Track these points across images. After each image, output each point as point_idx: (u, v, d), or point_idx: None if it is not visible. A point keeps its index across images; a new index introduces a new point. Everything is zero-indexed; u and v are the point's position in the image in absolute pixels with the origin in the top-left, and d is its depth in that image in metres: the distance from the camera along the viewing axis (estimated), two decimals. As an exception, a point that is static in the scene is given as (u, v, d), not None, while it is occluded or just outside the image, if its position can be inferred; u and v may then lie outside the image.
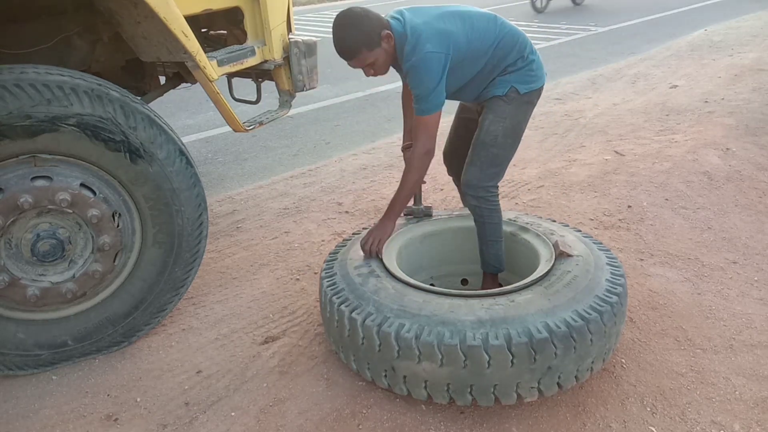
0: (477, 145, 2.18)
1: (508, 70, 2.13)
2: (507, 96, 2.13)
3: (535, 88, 2.17)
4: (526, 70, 2.14)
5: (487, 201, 2.18)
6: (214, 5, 2.40)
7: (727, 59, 6.64)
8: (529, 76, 2.15)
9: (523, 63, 2.14)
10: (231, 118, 2.48)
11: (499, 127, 2.14)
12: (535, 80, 2.17)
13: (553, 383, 1.72)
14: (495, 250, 2.24)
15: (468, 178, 2.19)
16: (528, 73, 2.15)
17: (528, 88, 2.15)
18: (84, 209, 1.95)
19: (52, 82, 1.84)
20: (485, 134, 2.16)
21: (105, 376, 2.08)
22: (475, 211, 2.21)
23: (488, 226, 2.21)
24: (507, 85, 2.13)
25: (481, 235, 2.23)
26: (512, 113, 2.15)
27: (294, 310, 2.43)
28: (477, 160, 2.17)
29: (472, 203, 2.20)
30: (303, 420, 1.85)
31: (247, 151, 4.54)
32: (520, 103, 2.15)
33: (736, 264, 2.66)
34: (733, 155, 3.77)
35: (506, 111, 2.14)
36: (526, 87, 2.14)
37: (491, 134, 2.15)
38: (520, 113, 2.17)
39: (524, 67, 2.14)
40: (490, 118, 2.15)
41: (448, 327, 1.70)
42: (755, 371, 2.00)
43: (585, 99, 5.53)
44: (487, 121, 2.16)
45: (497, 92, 2.14)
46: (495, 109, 2.15)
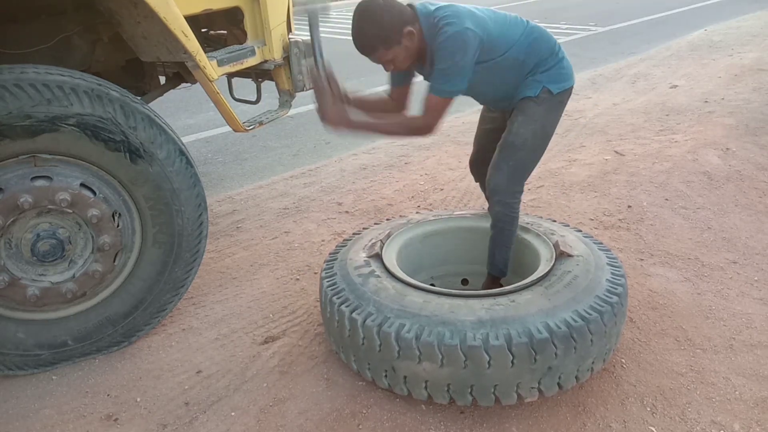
0: (504, 147, 2.10)
1: (540, 69, 2.06)
2: (538, 97, 2.05)
3: (567, 87, 2.11)
4: (557, 68, 2.08)
5: (512, 208, 2.12)
6: (214, 5, 2.40)
7: (727, 59, 6.64)
8: (561, 75, 2.09)
9: (555, 61, 2.08)
10: (231, 118, 2.48)
11: (529, 129, 2.07)
12: (566, 79, 2.11)
13: (554, 383, 1.72)
14: (506, 255, 2.20)
15: (495, 183, 2.11)
16: (560, 71, 2.09)
17: (560, 87, 2.08)
18: (84, 209, 1.95)
19: (52, 82, 1.84)
20: (514, 136, 2.07)
21: (105, 376, 2.08)
22: (498, 217, 2.14)
23: (506, 232, 2.16)
24: (539, 85, 2.05)
25: (497, 240, 2.18)
26: (543, 115, 2.08)
27: (294, 310, 2.43)
28: (504, 165, 2.09)
29: (496, 209, 2.13)
30: (303, 420, 1.85)
31: (247, 151, 4.54)
32: (552, 104, 2.09)
33: (736, 264, 2.66)
34: (733, 155, 3.77)
35: (537, 113, 2.07)
36: (558, 86, 2.07)
37: (521, 136, 2.07)
38: (551, 115, 2.11)
39: (555, 65, 2.08)
40: (520, 120, 2.07)
41: (449, 327, 1.70)
42: (755, 371, 2.00)
43: (585, 99, 5.53)
44: (516, 123, 2.08)
45: (528, 93, 2.06)
46: (525, 111, 2.07)
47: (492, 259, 2.23)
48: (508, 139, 2.10)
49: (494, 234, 2.19)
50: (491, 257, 2.23)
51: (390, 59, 1.94)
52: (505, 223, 2.15)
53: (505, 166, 2.10)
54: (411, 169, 3.95)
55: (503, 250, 2.19)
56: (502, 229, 2.16)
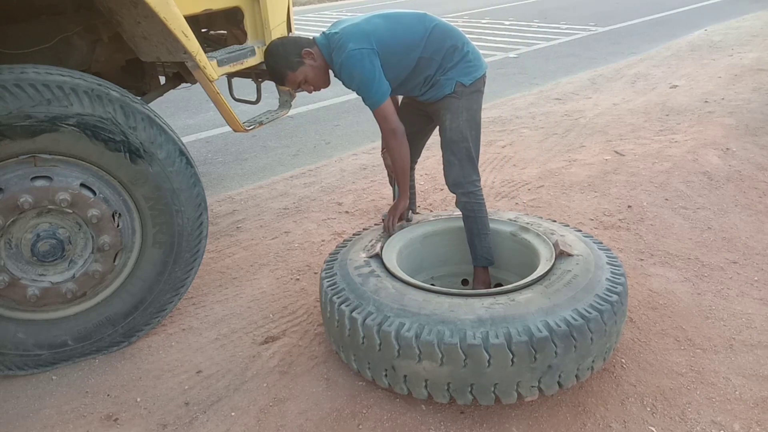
0: (448, 145, 2.27)
1: (447, 67, 2.22)
2: (455, 92, 2.23)
3: (478, 77, 2.27)
4: (464, 63, 2.24)
5: (475, 195, 2.27)
6: (214, 5, 2.40)
7: (727, 59, 6.64)
8: (469, 68, 2.25)
9: (460, 56, 2.23)
10: (231, 118, 2.48)
11: (461, 122, 2.24)
12: (475, 70, 2.27)
13: (554, 382, 1.72)
14: (486, 243, 2.29)
15: (453, 178, 2.28)
16: (467, 65, 2.25)
17: (471, 78, 2.25)
18: (84, 209, 1.95)
19: (52, 82, 1.84)
20: (451, 132, 2.25)
21: (105, 376, 2.08)
22: (465, 207, 2.28)
23: (478, 220, 2.28)
24: (451, 82, 2.22)
25: (472, 229, 2.29)
26: (466, 106, 2.25)
27: (294, 310, 2.43)
28: (454, 159, 2.26)
29: (462, 200, 2.28)
30: (303, 420, 1.85)
31: (247, 151, 4.54)
32: (469, 94, 2.25)
33: (736, 264, 2.66)
34: (733, 155, 3.77)
35: (460, 106, 2.24)
36: (469, 78, 2.24)
37: (457, 131, 2.24)
38: (472, 103, 2.27)
39: (461, 60, 2.24)
40: (449, 117, 2.25)
41: (449, 326, 1.70)
42: (755, 371, 2.00)
43: (585, 99, 5.53)
44: (447, 120, 2.25)
45: (446, 91, 2.24)
46: (449, 107, 2.25)
47: (475, 251, 2.31)
48: (446, 136, 2.27)
49: (469, 225, 2.30)
50: (473, 249, 2.31)
51: (302, 80, 2.21)
52: (475, 211, 2.27)
53: (455, 160, 2.26)
54: None
55: (482, 238, 2.29)
56: (474, 218, 2.28)
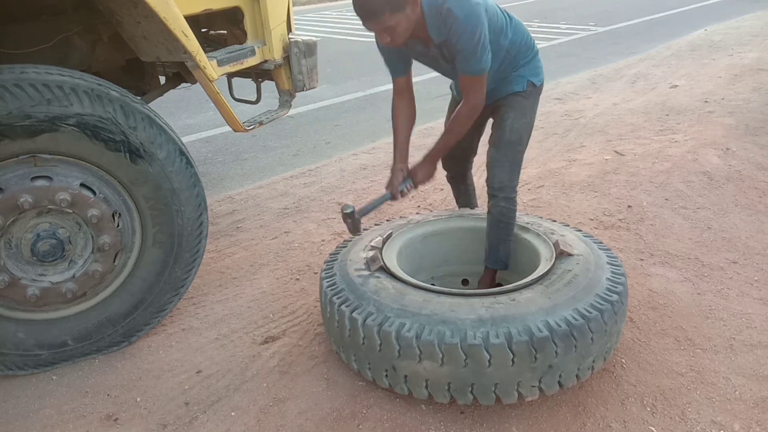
0: (503, 144, 2.15)
1: (521, 61, 2.13)
2: (526, 91, 2.14)
3: (543, 79, 2.21)
4: (535, 61, 2.18)
5: (513, 202, 2.19)
6: (214, 5, 2.40)
7: (727, 59, 6.64)
8: (538, 68, 2.19)
9: (532, 54, 2.17)
10: (231, 118, 2.49)
11: (523, 124, 2.15)
12: (542, 72, 2.21)
13: (554, 382, 1.72)
14: (508, 248, 2.24)
15: (500, 180, 2.16)
16: (537, 64, 2.19)
17: (540, 79, 2.19)
18: (84, 209, 1.95)
19: (52, 82, 1.84)
20: (510, 133, 2.14)
21: (105, 376, 2.08)
22: (503, 212, 2.18)
23: (510, 227, 2.21)
24: (523, 80, 2.14)
25: (500, 235, 2.21)
26: (531, 108, 2.18)
27: (294, 310, 2.43)
28: (505, 161, 2.15)
29: (501, 204, 2.17)
30: (303, 420, 1.85)
31: (247, 151, 4.54)
32: (535, 96, 2.19)
33: (736, 264, 2.66)
34: (733, 155, 3.77)
35: (527, 106, 2.16)
36: (538, 78, 2.18)
37: (516, 132, 2.14)
38: (535, 106, 2.22)
39: (534, 57, 2.17)
40: (513, 116, 2.14)
41: (449, 326, 1.70)
42: (755, 371, 2.00)
43: (585, 99, 5.53)
44: (509, 119, 2.14)
45: (516, 88, 2.14)
46: (515, 106, 2.14)
47: (496, 255, 2.25)
48: (504, 136, 2.15)
49: (499, 230, 2.21)
50: (495, 253, 2.25)
51: (392, 26, 1.84)
52: (509, 218, 2.20)
53: (506, 162, 2.15)
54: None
55: (507, 244, 2.23)
56: (507, 224, 2.20)
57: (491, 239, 2.23)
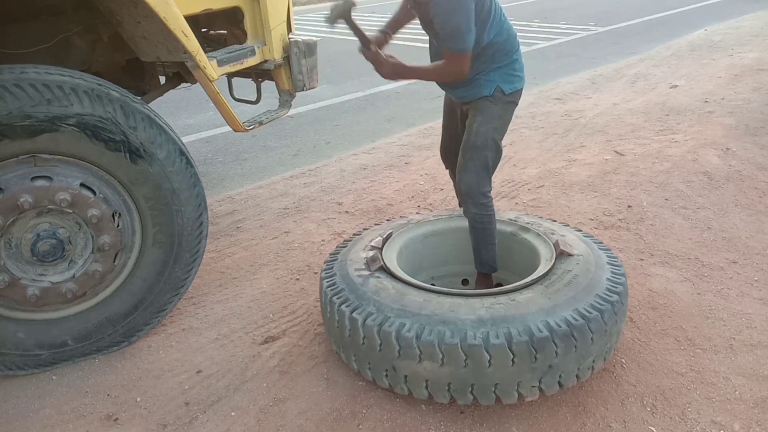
0: (469, 149, 2.15)
1: (493, 65, 2.11)
2: (493, 96, 2.13)
3: (518, 88, 2.18)
4: (509, 69, 2.14)
5: (486, 207, 2.17)
6: (214, 5, 2.40)
7: (727, 59, 6.64)
8: (512, 76, 2.15)
9: (508, 60, 2.13)
10: (231, 118, 2.48)
11: (489, 129, 2.14)
12: (517, 80, 2.18)
13: (554, 382, 1.72)
14: (492, 252, 2.24)
15: (466, 185, 2.17)
16: (511, 72, 2.15)
17: (512, 87, 2.15)
18: (84, 209, 1.95)
19: (52, 82, 1.84)
20: (475, 137, 2.14)
21: (105, 376, 2.08)
22: (475, 218, 2.18)
23: (486, 231, 2.20)
24: (492, 84, 2.12)
25: (480, 240, 2.22)
26: (500, 114, 2.15)
27: (294, 310, 2.43)
28: (471, 165, 2.15)
29: (472, 211, 2.18)
30: (303, 420, 1.85)
31: (247, 151, 4.54)
32: (505, 104, 2.16)
33: (736, 264, 2.66)
34: (733, 155, 3.77)
35: (494, 112, 2.14)
36: (510, 87, 2.15)
37: (482, 136, 2.13)
38: (506, 113, 2.18)
39: (508, 64, 2.14)
40: (479, 120, 2.14)
41: (449, 326, 1.70)
42: (755, 371, 2.00)
43: (585, 99, 5.53)
44: (476, 123, 2.15)
45: (484, 92, 2.13)
46: (483, 111, 2.14)
47: (480, 259, 2.26)
48: (470, 140, 2.15)
49: (476, 235, 2.22)
50: (478, 257, 2.26)
51: None
52: (484, 223, 2.19)
53: (472, 166, 2.15)
54: (411, 169, 3.95)
55: (489, 248, 2.23)
56: (483, 230, 2.20)
57: (473, 244, 2.25)
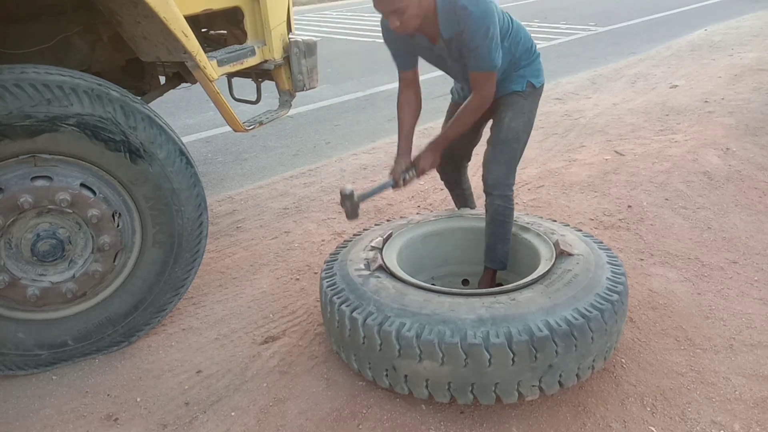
0: (499, 143, 2.17)
1: (522, 62, 2.16)
2: (524, 91, 2.17)
3: (543, 81, 2.23)
4: (537, 63, 2.20)
5: (509, 200, 2.18)
6: (214, 5, 2.40)
7: (727, 59, 6.64)
8: (539, 69, 2.22)
9: (533, 55, 2.19)
10: (231, 118, 2.49)
11: (520, 123, 2.17)
12: (542, 73, 2.23)
13: (555, 382, 1.72)
14: (506, 248, 2.23)
15: (494, 177, 2.17)
16: (538, 66, 2.21)
17: (539, 81, 2.21)
18: (84, 209, 1.95)
19: (52, 82, 1.84)
20: (507, 131, 2.16)
21: (105, 376, 2.08)
22: (498, 211, 2.18)
23: (506, 225, 2.20)
24: (523, 80, 2.16)
25: (497, 234, 2.21)
26: (529, 108, 2.20)
27: (294, 310, 2.43)
28: (501, 158, 2.16)
29: (496, 203, 2.17)
30: (303, 420, 1.85)
31: (247, 151, 4.54)
32: (534, 97, 2.21)
33: (736, 264, 2.66)
34: (733, 155, 3.77)
35: (525, 106, 2.18)
36: (538, 80, 2.20)
37: (513, 131, 2.16)
38: (534, 107, 2.23)
39: (535, 59, 2.20)
40: (510, 115, 2.17)
41: (449, 326, 1.70)
42: (755, 371, 2.00)
43: (585, 99, 5.53)
44: (507, 118, 2.17)
45: (515, 88, 2.17)
46: (513, 106, 2.17)
47: (494, 254, 2.24)
48: (501, 134, 2.17)
49: (495, 228, 2.21)
50: (492, 252, 2.24)
51: (401, 8, 1.86)
52: (505, 216, 2.19)
53: (502, 160, 2.17)
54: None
55: (505, 243, 2.23)
56: (503, 223, 2.20)
57: (488, 238, 2.24)
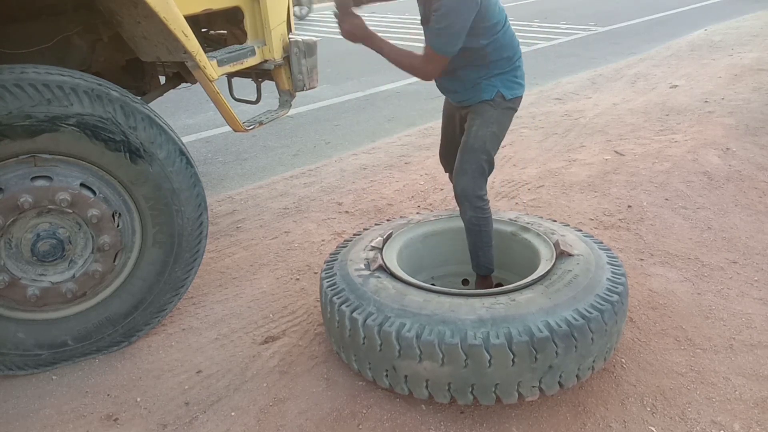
0: (466, 151, 2.16)
1: (494, 71, 2.13)
2: (494, 101, 2.14)
3: (519, 94, 2.20)
4: (511, 75, 2.16)
5: (482, 210, 2.17)
6: (214, 5, 2.40)
7: (727, 59, 6.64)
8: (514, 82, 2.17)
9: (510, 66, 2.15)
10: (231, 118, 2.48)
11: (487, 132, 2.15)
12: (518, 87, 2.19)
13: (555, 382, 1.72)
14: (489, 254, 2.23)
15: (462, 187, 2.17)
16: (513, 79, 2.17)
17: (513, 94, 2.17)
18: (84, 209, 1.95)
19: (52, 82, 1.84)
20: (473, 139, 2.15)
21: (105, 376, 2.08)
22: (471, 221, 2.18)
23: (483, 233, 2.20)
24: (493, 89, 2.14)
25: (477, 242, 2.21)
26: (498, 118, 2.17)
27: (294, 310, 2.43)
28: (468, 168, 2.15)
29: (469, 213, 2.17)
30: (303, 420, 1.85)
31: (247, 151, 4.54)
32: (504, 108, 2.17)
33: (736, 264, 2.66)
34: (733, 155, 3.77)
35: (493, 116, 2.15)
36: (511, 93, 2.16)
37: (479, 139, 2.14)
38: (504, 119, 2.19)
39: (510, 71, 2.16)
40: (478, 123, 2.16)
41: (449, 326, 1.70)
42: (755, 371, 2.00)
43: (585, 99, 5.53)
44: (474, 126, 2.16)
45: (485, 96, 2.15)
46: (482, 114, 2.16)
47: (477, 261, 2.25)
48: (468, 142, 2.16)
49: (472, 237, 2.21)
50: (476, 259, 2.25)
51: None
52: (480, 226, 2.18)
53: (468, 168, 2.15)
54: (411, 169, 3.95)
55: (486, 250, 2.23)
56: (479, 232, 2.19)
57: (470, 246, 2.24)
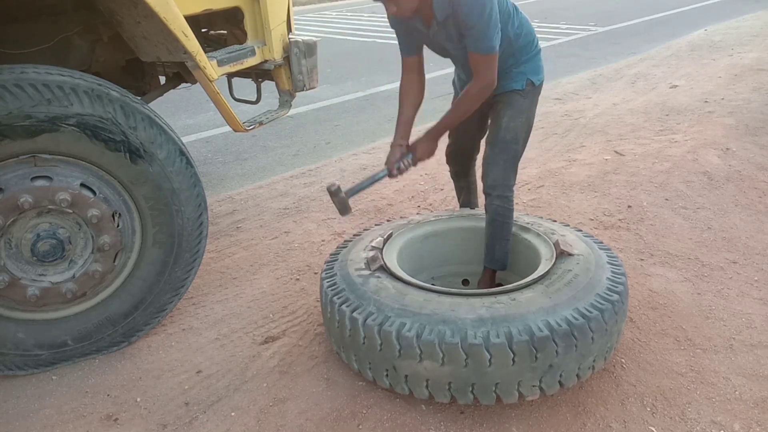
0: (498, 143, 2.13)
1: (522, 58, 2.11)
2: (524, 90, 2.12)
3: (543, 79, 2.19)
4: (536, 60, 2.16)
5: (509, 201, 2.16)
6: (214, 5, 2.40)
7: (727, 59, 6.64)
8: (539, 66, 2.17)
9: (534, 51, 2.14)
10: (231, 118, 2.49)
11: (519, 123, 2.13)
12: (542, 70, 2.19)
13: (555, 382, 1.72)
14: (506, 248, 2.22)
15: (493, 178, 2.15)
16: (538, 63, 2.17)
17: (539, 78, 2.17)
18: (84, 209, 1.95)
19: (52, 82, 1.84)
20: (506, 131, 2.13)
21: (105, 376, 2.08)
22: (497, 211, 2.16)
23: (505, 225, 2.19)
24: (523, 77, 2.12)
25: (496, 234, 2.20)
26: (528, 107, 2.15)
27: (294, 310, 2.43)
28: (500, 160, 2.13)
29: (495, 203, 2.16)
30: (303, 420, 1.85)
31: (247, 151, 4.54)
32: (533, 96, 2.17)
33: (736, 264, 2.66)
34: (733, 155, 3.77)
35: (524, 105, 2.13)
36: (538, 78, 2.16)
37: (512, 131, 2.12)
38: (533, 106, 2.19)
39: (535, 55, 2.15)
40: (509, 114, 2.13)
41: (449, 326, 1.70)
42: (755, 371, 2.00)
43: (585, 99, 5.53)
44: (506, 117, 2.13)
45: (515, 86, 2.12)
46: (513, 105, 2.13)
47: (492, 255, 2.24)
48: (499, 134, 2.14)
49: (494, 229, 2.20)
50: (491, 252, 2.23)
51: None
52: (504, 217, 2.18)
53: (501, 161, 2.14)
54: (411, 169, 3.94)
55: (504, 244, 2.21)
56: (502, 223, 2.18)
57: (487, 239, 2.23)
